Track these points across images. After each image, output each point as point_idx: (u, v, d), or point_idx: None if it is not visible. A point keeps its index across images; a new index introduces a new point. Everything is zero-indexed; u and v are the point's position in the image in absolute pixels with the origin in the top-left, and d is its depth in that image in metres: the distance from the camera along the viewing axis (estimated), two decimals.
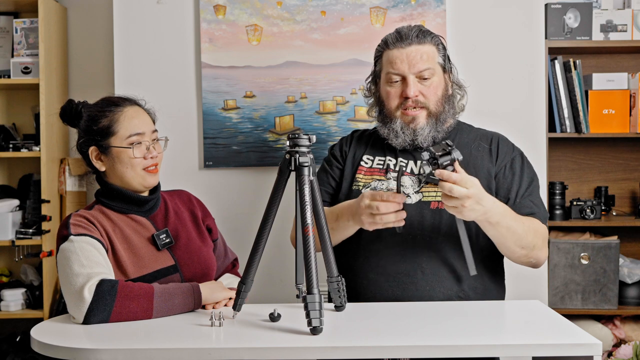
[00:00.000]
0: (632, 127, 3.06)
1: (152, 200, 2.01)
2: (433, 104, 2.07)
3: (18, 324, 3.17)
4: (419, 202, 2.04)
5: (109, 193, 1.99)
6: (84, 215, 1.93)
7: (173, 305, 1.81)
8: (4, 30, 3.20)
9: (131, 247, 1.93)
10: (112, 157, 1.96)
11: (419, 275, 2.00)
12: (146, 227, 1.98)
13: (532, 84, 2.84)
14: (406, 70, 2.05)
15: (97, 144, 1.97)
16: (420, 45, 2.06)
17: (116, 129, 1.96)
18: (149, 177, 1.98)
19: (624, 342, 2.99)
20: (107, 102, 2.01)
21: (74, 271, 1.79)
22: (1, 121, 3.28)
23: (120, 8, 2.84)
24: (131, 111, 1.99)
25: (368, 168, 2.15)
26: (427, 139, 2.08)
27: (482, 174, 2.07)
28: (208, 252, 2.07)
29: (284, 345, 1.56)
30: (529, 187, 2.08)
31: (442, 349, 1.54)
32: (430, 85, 2.07)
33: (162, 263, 1.95)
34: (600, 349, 1.53)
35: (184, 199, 2.13)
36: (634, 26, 3.05)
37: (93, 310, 1.74)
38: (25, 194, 3.19)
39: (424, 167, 1.82)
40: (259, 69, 2.84)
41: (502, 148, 2.12)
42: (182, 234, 2.02)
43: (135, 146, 1.95)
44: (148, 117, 2.03)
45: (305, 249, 1.64)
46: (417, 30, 2.08)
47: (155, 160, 1.99)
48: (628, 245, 3.25)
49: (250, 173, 2.86)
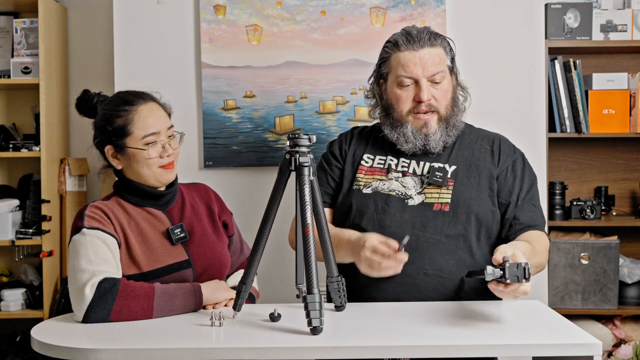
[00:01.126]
0: (632, 127, 3.06)
1: (168, 194, 2.02)
2: (444, 107, 2.06)
3: (18, 324, 3.17)
4: (421, 203, 2.03)
5: (126, 186, 2.00)
6: (99, 206, 1.94)
7: (174, 306, 1.82)
8: (4, 30, 3.20)
9: (145, 241, 1.94)
10: (128, 156, 1.96)
11: (421, 276, 1.99)
12: (161, 221, 1.99)
13: (532, 84, 2.84)
14: (420, 74, 2.02)
15: (113, 143, 1.97)
16: (433, 48, 2.04)
17: (131, 129, 1.94)
18: (166, 173, 1.98)
19: (624, 342, 2.99)
20: (121, 100, 1.98)
21: (80, 266, 1.81)
22: (1, 121, 3.28)
23: (120, 8, 2.84)
24: (145, 110, 1.96)
25: (369, 167, 2.14)
26: (439, 144, 2.06)
27: (484, 175, 2.07)
28: (222, 248, 2.07)
29: (284, 345, 1.56)
30: (530, 190, 2.08)
31: (442, 349, 1.54)
32: (441, 89, 2.05)
33: (175, 257, 1.95)
34: (600, 349, 1.53)
35: (201, 193, 2.13)
36: (634, 26, 3.05)
37: (93, 308, 1.75)
38: (25, 194, 3.19)
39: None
40: (259, 69, 2.84)
41: (503, 149, 2.12)
42: (197, 228, 2.02)
43: (151, 146, 1.94)
44: (163, 112, 2.00)
45: (305, 249, 1.64)
46: (429, 32, 2.05)
47: (172, 158, 1.99)
48: (628, 245, 3.25)
49: (250, 173, 2.86)
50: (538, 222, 2.05)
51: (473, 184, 2.05)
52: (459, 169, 2.07)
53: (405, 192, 2.05)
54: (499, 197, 2.06)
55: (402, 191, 2.06)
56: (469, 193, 2.04)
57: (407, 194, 2.05)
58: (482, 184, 2.06)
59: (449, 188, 2.04)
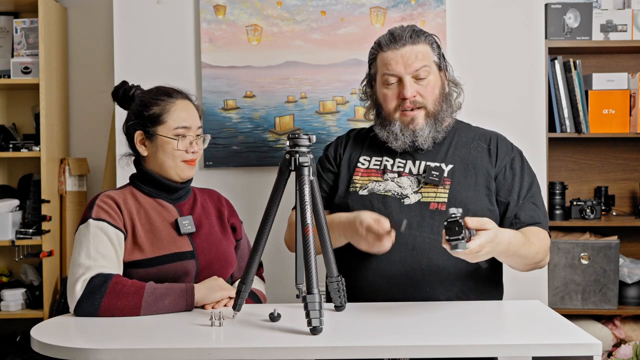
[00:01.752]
0: (632, 127, 3.06)
1: (182, 189, 2.07)
2: (431, 103, 2.06)
3: (18, 324, 3.17)
4: (418, 203, 2.04)
5: (142, 177, 2.05)
6: (112, 195, 2.00)
7: (162, 306, 1.84)
8: (4, 30, 3.20)
9: (152, 228, 1.98)
10: (156, 144, 2.02)
11: (418, 276, 1.99)
12: (171, 213, 2.04)
13: (532, 84, 2.84)
14: (402, 71, 2.04)
15: (145, 129, 2.03)
16: (415, 45, 2.05)
17: (165, 118, 2.01)
18: (187, 169, 2.04)
19: (624, 342, 2.99)
20: (161, 91, 2.07)
21: (79, 260, 1.88)
22: (1, 121, 3.28)
23: (120, 8, 2.84)
24: (182, 104, 2.05)
25: (365, 169, 2.14)
26: (428, 139, 2.07)
27: (481, 174, 2.07)
28: (228, 247, 2.10)
29: (284, 345, 1.56)
30: (530, 188, 2.08)
31: (442, 349, 1.54)
32: (427, 84, 2.06)
33: (180, 247, 1.98)
34: (600, 349, 1.53)
35: (213, 197, 2.18)
36: (634, 26, 3.05)
37: (81, 305, 1.82)
38: (25, 194, 3.19)
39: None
40: (259, 69, 2.84)
41: (501, 148, 2.12)
42: (205, 225, 2.07)
43: (180, 139, 2.01)
44: (196, 112, 2.08)
45: (305, 249, 1.64)
46: (411, 30, 2.07)
47: (196, 155, 2.05)
48: (628, 245, 3.25)
49: (250, 173, 2.86)
50: (540, 220, 2.05)
51: (470, 183, 2.05)
52: (455, 168, 2.07)
53: (401, 192, 2.05)
54: (498, 196, 2.06)
55: (398, 191, 2.06)
56: (466, 192, 2.04)
57: (403, 193, 2.05)
58: (479, 183, 2.06)
59: (446, 187, 2.04)
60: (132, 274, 1.92)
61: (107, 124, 3.21)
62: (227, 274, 2.08)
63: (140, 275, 1.92)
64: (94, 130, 3.28)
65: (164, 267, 1.94)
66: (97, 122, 3.28)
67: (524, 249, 1.91)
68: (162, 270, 1.94)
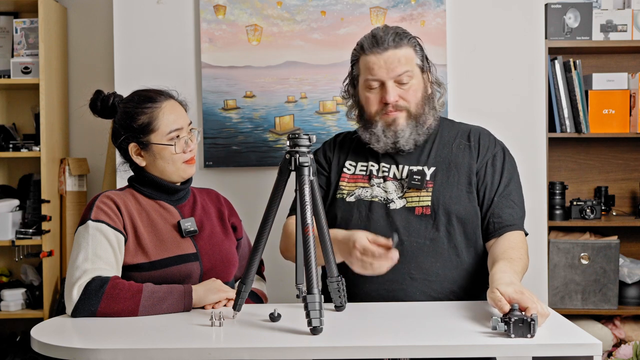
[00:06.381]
0: (632, 127, 3.06)
1: (182, 190, 2.06)
2: (413, 106, 2.05)
3: (18, 324, 3.18)
4: (403, 208, 2.02)
5: (141, 179, 2.03)
6: (111, 196, 1.97)
7: (160, 308, 1.83)
8: (4, 30, 3.20)
9: (155, 231, 1.97)
10: (153, 153, 1.99)
11: (407, 281, 1.98)
12: (173, 214, 2.02)
13: (532, 84, 2.84)
14: (384, 76, 2.02)
15: (137, 140, 1.99)
16: (398, 50, 2.02)
17: (156, 126, 1.98)
18: (189, 168, 2.03)
19: (624, 342, 2.99)
20: (143, 97, 2.01)
21: (76, 262, 1.86)
22: (1, 121, 3.28)
23: (120, 8, 2.84)
24: (168, 106, 2.01)
25: (351, 175, 2.13)
26: (409, 141, 2.06)
27: (463, 172, 2.05)
28: (230, 247, 2.09)
29: (284, 345, 1.56)
30: (508, 185, 2.06)
31: (441, 348, 1.54)
32: (409, 88, 2.04)
33: (184, 249, 1.97)
34: (600, 349, 1.53)
35: (212, 197, 2.17)
36: (634, 26, 3.05)
37: (78, 308, 1.80)
38: (25, 194, 3.19)
39: None
40: (259, 69, 2.84)
41: (483, 143, 2.10)
42: (207, 226, 2.05)
43: (176, 141, 1.98)
44: (182, 109, 2.05)
45: (305, 249, 1.64)
46: (394, 34, 2.04)
47: (193, 153, 2.03)
48: (628, 245, 3.25)
49: (250, 173, 2.86)
50: (515, 220, 2.03)
51: (452, 183, 2.04)
52: (438, 170, 2.06)
53: (386, 197, 2.05)
54: (478, 191, 2.05)
55: (384, 196, 2.05)
56: (449, 193, 2.03)
57: (388, 198, 2.04)
58: (461, 182, 2.04)
59: (429, 190, 2.03)
60: (136, 278, 1.91)
61: (107, 124, 3.18)
62: (231, 275, 2.07)
63: (143, 278, 1.90)
64: (94, 130, 3.28)
65: (168, 270, 1.93)
66: (97, 122, 3.23)
67: (521, 274, 1.89)
68: (165, 272, 1.93)
